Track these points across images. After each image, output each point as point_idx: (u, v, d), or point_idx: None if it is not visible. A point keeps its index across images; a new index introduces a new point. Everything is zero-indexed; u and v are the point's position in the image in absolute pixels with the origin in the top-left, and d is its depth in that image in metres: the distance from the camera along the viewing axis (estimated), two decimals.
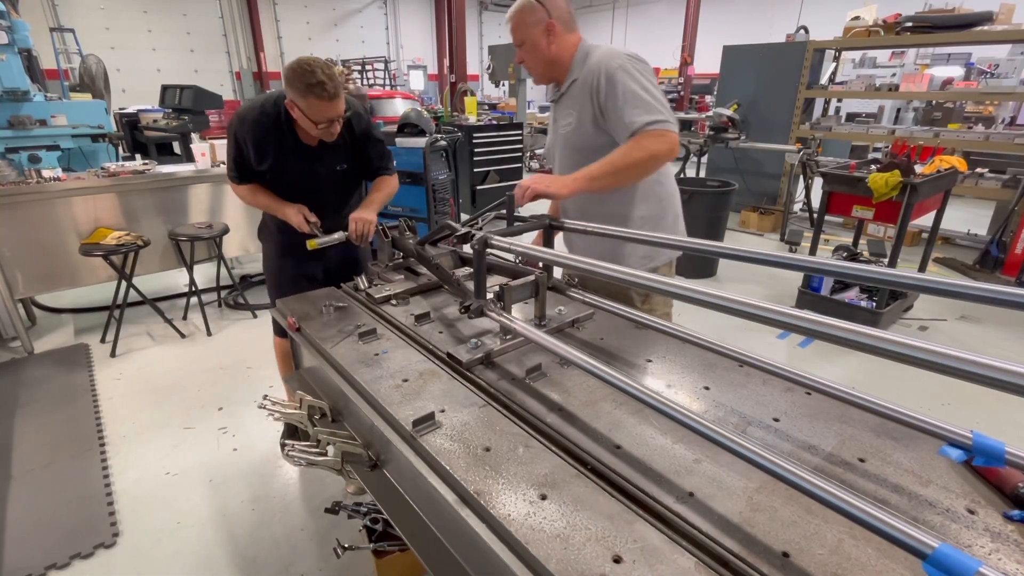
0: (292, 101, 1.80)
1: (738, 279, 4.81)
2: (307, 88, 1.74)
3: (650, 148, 1.56)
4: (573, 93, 1.75)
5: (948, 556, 0.57)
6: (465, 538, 0.89)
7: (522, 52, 1.77)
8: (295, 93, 1.77)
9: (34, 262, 3.45)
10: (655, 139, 1.56)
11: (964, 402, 2.94)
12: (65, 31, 9.57)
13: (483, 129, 6.97)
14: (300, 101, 1.78)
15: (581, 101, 1.72)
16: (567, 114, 1.78)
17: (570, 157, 1.81)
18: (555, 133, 1.89)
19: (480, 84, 16.35)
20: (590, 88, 1.67)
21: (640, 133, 1.57)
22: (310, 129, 1.86)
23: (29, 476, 2.41)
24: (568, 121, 1.78)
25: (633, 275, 1.04)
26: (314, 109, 1.78)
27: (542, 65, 1.77)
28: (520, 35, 1.73)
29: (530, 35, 1.71)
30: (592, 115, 1.70)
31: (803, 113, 6.30)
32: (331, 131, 1.87)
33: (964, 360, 0.62)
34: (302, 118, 1.83)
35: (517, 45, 1.76)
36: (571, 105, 1.76)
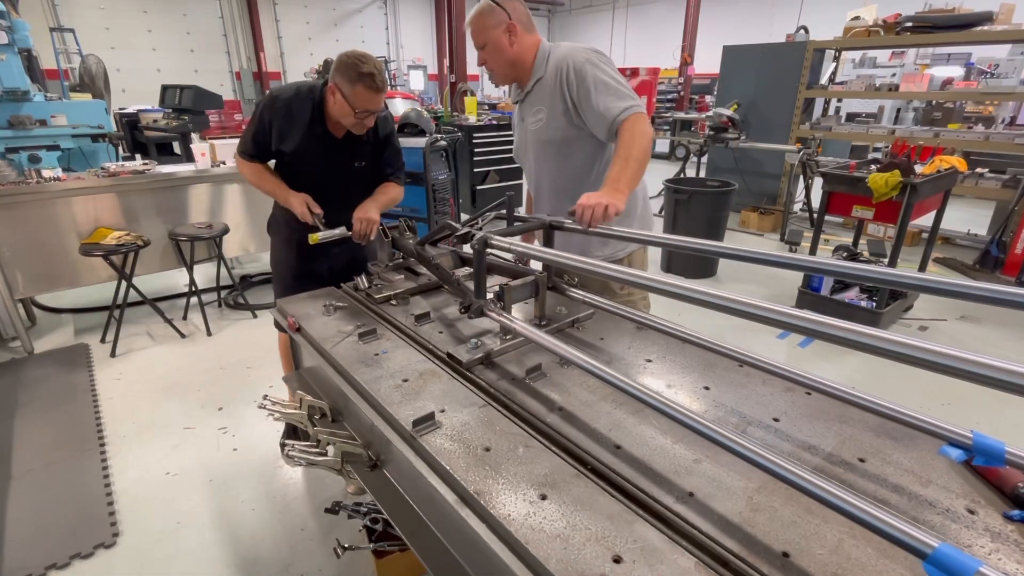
0: (336, 86, 1.84)
1: (738, 279, 4.81)
2: (359, 76, 1.79)
3: (645, 131, 1.61)
4: (540, 91, 1.80)
5: (948, 556, 0.57)
6: (465, 538, 0.89)
7: (484, 54, 1.80)
8: (344, 79, 1.81)
9: (34, 262, 3.45)
10: (642, 122, 1.62)
11: (964, 402, 2.94)
12: (65, 31, 9.57)
13: (483, 129, 6.97)
14: (347, 87, 1.81)
15: (551, 97, 1.77)
16: (535, 111, 1.83)
17: (542, 152, 1.87)
18: (523, 132, 1.94)
19: (480, 84, 16.33)
20: (559, 83, 1.72)
21: (625, 119, 1.62)
22: (345, 118, 1.89)
23: (29, 476, 2.41)
24: (538, 118, 1.82)
25: (633, 275, 1.04)
26: (359, 97, 1.82)
27: (505, 65, 1.81)
28: (482, 37, 1.77)
29: (492, 36, 1.75)
30: (563, 108, 1.74)
31: (803, 113, 6.30)
32: (365, 124, 1.92)
33: (964, 360, 0.62)
34: (342, 105, 1.85)
35: (479, 47, 1.80)
36: (538, 102, 1.82)
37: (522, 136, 1.97)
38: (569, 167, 1.85)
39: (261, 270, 4.99)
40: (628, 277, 1.05)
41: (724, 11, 15.31)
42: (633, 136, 1.59)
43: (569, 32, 20.79)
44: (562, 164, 1.86)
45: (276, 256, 2.28)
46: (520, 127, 1.97)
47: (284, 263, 2.24)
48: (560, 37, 21.23)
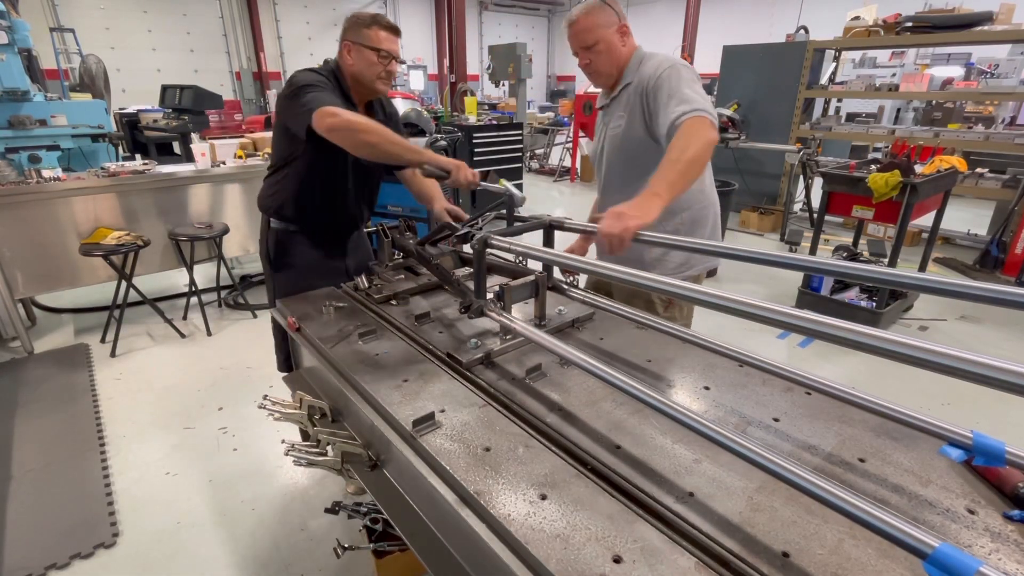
0: (351, 41, 1.81)
1: (738, 279, 4.81)
2: (371, 19, 1.79)
3: (702, 134, 1.47)
4: (625, 97, 1.77)
5: (948, 556, 0.57)
6: (465, 538, 0.89)
7: (590, 54, 1.73)
8: (359, 27, 1.79)
9: (34, 262, 3.45)
10: (702, 124, 1.49)
11: (964, 402, 2.94)
12: (65, 31, 9.57)
13: (483, 129, 6.97)
14: (366, 32, 1.79)
15: (633, 103, 1.74)
16: (618, 116, 1.80)
17: (616, 157, 1.85)
18: (603, 136, 1.90)
19: (480, 84, 16.35)
20: (642, 90, 1.69)
21: (684, 121, 1.51)
22: (370, 69, 1.82)
23: (29, 476, 2.41)
24: (618, 123, 1.79)
25: (633, 275, 1.04)
26: (377, 36, 1.79)
27: (613, 67, 1.76)
28: (593, 36, 1.70)
29: (604, 36, 1.70)
30: (642, 115, 1.72)
31: (803, 113, 6.29)
32: (390, 72, 1.86)
33: (964, 360, 0.62)
34: (365, 56, 1.81)
35: (585, 47, 1.73)
36: (622, 108, 1.78)
37: (600, 140, 1.94)
38: (637, 176, 1.75)
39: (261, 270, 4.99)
40: (628, 277, 1.04)
41: (724, 11, 15.32)
42: (687, 137, 1.46)
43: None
44: (632, 173, 1.81)
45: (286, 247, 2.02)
46: (601, 131, 1.93)
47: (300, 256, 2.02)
48: (560, 37, 21.20)
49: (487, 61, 9.44)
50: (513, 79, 8.75)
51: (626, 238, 1.25)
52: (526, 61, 8.67)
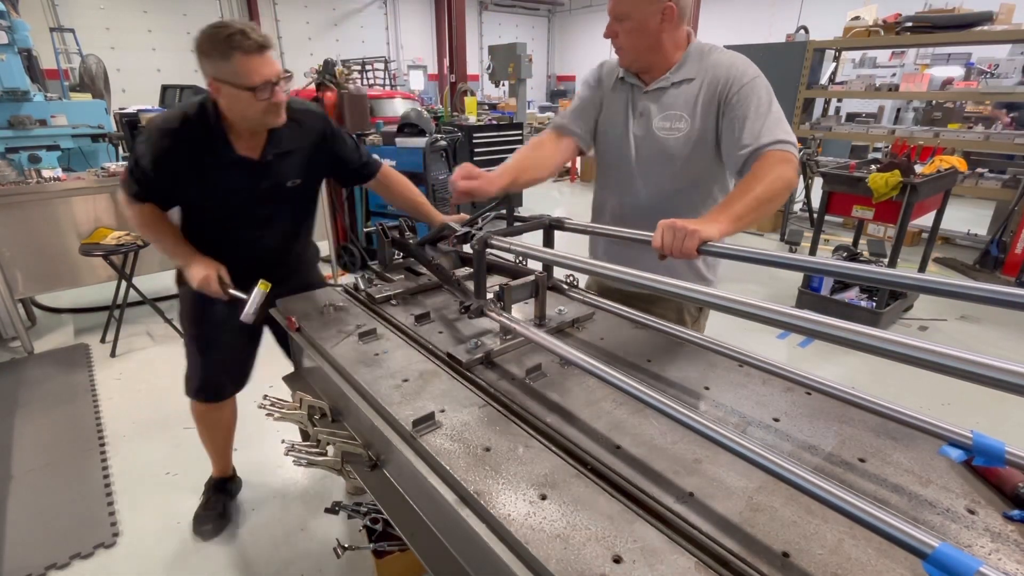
0: (216, 79, 1.45)
1: (738, 279, 4.81)
2: (227, 43, 1.39)
3: (786, 176, 1.31)
4: (684, 95, 1.50)
5: (948, 556, 0.57)
6: (465, 538, 0.89)
7: (618, 26, 1.46)
8: (216, 59, 1.42)
9: (34, 262, 3.45)
10: (786, 159, 1.34)
11: (964, 402, 2.94)
12: (65, 31, 9.57)
13: (483, 129, 6.98)
14: (225, 66, 1.42)
15: (704, 108, 1.47)
16: (672, 116, 1.51)
17: (660, 159, 1.55)
18: (642, 128, 1.56)
19: (480, 84, 16.35)
20: (718, 94, 1.45)
21: (768, 151, 1.34)
22: (249, 108, 1.48)
23: (29, 476, 2.41)
24: (676, 126, 1.51)
25: (633, 275, 1.04)
26: (244, 68, 1.42)
27: (642, 50, 1.49)
28: (625, 6, 1.43)
29: (641, 12, 1.42)
30: (716, 124, 1.47)
31: (803, 113, 6.29)
32: (277, 101, 1.49)
33: (964, 360, 0.62)
34: (235, 94, 1.46)
35: (616, 16, 1.45)
36: (680, 107, 1.50)
37: (628, 128, 1.59)
38: (682, 188, 1.56)
39: None
40: (628, 277, 1.04)
41: (724, 11, 15.32)
42: (772, 171, 1.30)
43: (569, 32, 20.79)
44: (675, 183, 1.56)
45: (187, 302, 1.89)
46: (630, 118, 1.59)
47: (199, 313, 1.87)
48: (560, 37, 21.24)
49: (487, 61, 9.45)
50: (513, 79, 8.76)
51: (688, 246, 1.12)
52: (526, 61, 8.68)
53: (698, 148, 1.51)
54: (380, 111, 7.22)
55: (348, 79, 4.94)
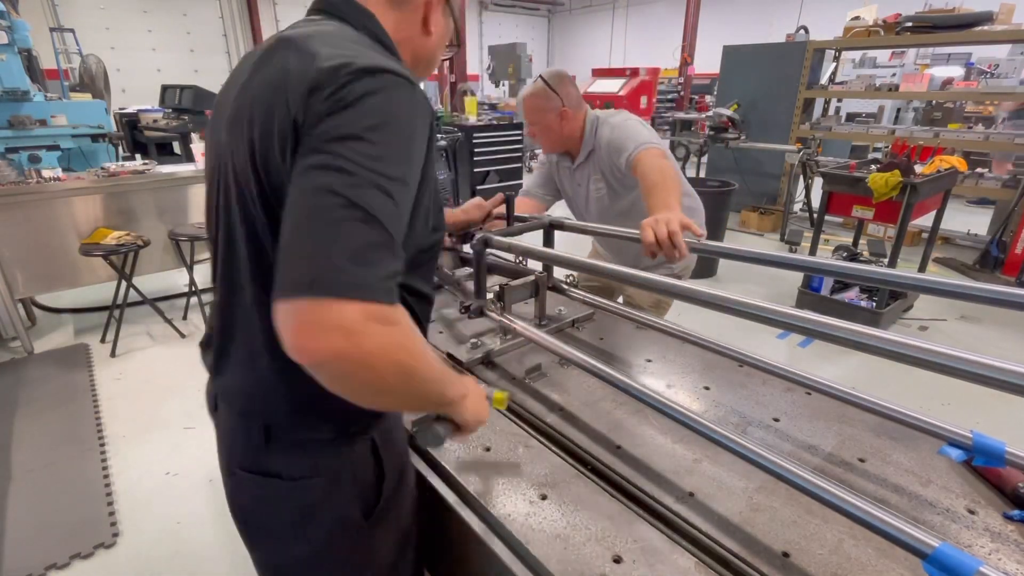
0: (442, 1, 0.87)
1: (738, 279, 4.81)
2: None
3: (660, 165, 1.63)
4: (594, 161, 1.90)
5: (948, 556, 0.57)
6: (465, 538, 0.89)
7: (534, 129, 1.90)
8: None
9: (34, 262, 3.45)
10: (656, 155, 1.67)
11: (964, 402, 2.94)
12: (65, 31, 9.56)
13: (483, 129, 6.97)
14: None
15: (607, 167, 1.86)
16: (595, 180, 1.93)
17: (607, 214, 1.96)
18: (583, 196, 2.01)
19: (480, 84, 16.33)
20: (609, 154, 1.82)
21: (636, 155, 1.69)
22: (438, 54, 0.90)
23: (29, 476, 2.41)
24: (599, 187, 1.93)
25: (633, 275, 1.04)
26: None
27: (554, 144, 1.94)
28: (533, 117, 1.87)
29: (543, 119, 1.85)
30: (613, 174, 1.86)
31: (803, 113, 6.29)
32: None
33: (964, 360, 0.62)
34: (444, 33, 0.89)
35: (530, 123, 1.90)
36: (594, 171, 1.92)
37: (577, 196, 2.06)
38: (627, 209, 1.94)
39: None
40: (628, 277, 1.05)
41: (724, 11, 15.31)
42: (655, 167, 1.61)
43: (569, 32, 20.78)
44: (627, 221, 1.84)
45: None
46: (576, 191, 2.04)
47: None
48: (560, 37, 21.24)
49: (487, 61, 9.45)
50: (513, 79, 8.76)
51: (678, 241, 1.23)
52: (526, 61, 8.68)
53: (616, 193, 1.92)
54: None
55: None
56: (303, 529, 0.83)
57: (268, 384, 0.77)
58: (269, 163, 0.66)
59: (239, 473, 0.82)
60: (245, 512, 0.87)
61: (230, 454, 0.84)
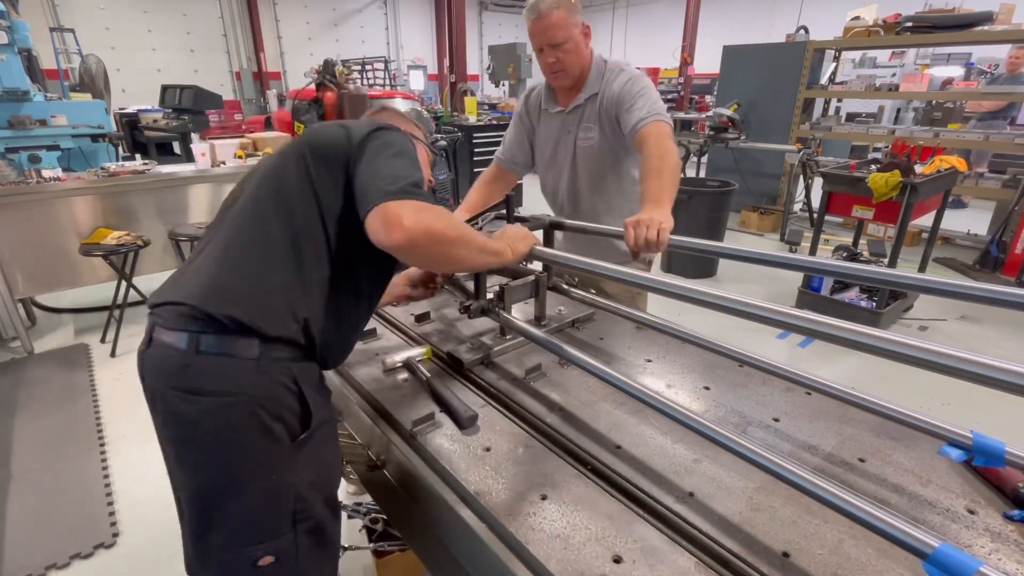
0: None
1: (738, 279, 4.81)
2: None
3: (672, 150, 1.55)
4: (593, 107, 1.76)
5: (948, 556, 0.57)
6: (465, 538, 0.89)
7: (560, 52, 1.66)
8: None
9: (34, 262, 3.45)
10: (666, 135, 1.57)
11: (964, 402, 2.94)
12: (65, 31, 9.56)
13: (483, 129, 6.98)
14: None
15: (605, 116, 1.74)
16: (587, 127, 1.78)
17: (589, 165, 1.83)
18: (568, 144, 1.84)
19: (480, 84, 16.34)
20: (617, 104, 1.69)
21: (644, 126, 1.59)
22: None
23: (29, 476, 2.41)
24: (589, 136, 1.78)
25: (633, 275, 1.04)
26: None
27: (577, 66, 1.72)
28: (564, 33, 1.64)
29: (573, 35, 1.65)
30: (612, 127, 1.74)
31: (803, 113, 6.29)
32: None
33: (964, 360, 0.62)
34: None
35: (555, 43, 1.65)
36: (589, 118, 1.77)
37: (559, 145, 1.87)
38: (611, 182, 1.85)
39: None
40: (628, 277, 1.05)
41: (724, 11, 15.31)
42: (660, 151, 1.53)
43: None
44: (605, 180, 1.84)
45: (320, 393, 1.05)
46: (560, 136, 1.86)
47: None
48: None
49: (487, 61, 9.44)
50: (513, 79, 8.74)
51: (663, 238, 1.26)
52: (526, 61, 8.66)
53: (606, 146, 1.79)
54: None
55: (348, 79, 4.94)
56: (225, 445, 0.94)
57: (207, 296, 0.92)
58: None
59: (169, 394, 0.94)
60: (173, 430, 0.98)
61: (162, 377, 0.95)
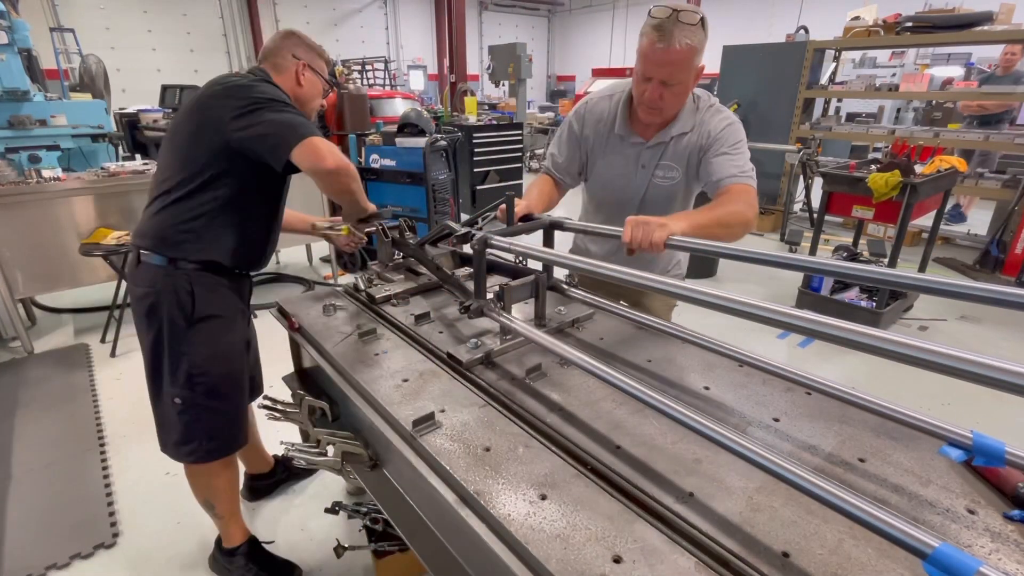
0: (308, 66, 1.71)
1: (738, 279, 4.81)
2: (320, 50, 1.76)
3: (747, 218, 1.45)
4: (682, 145, 1.62)
5: (948, 556, 0.57)
6: (465, 538, 0.89)
7: (666, 90, 1.48)
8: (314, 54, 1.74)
9: (34, 262, 3.45)
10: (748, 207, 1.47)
11: (964, 402, 2.94)
12: (65, 31, 9.56)
13: (483, 129, 6.98)
14: (320, 63, 1.76)
15: (695, 158, 1.62)
16: (668, 167, 1.66)
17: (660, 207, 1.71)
18: (644, 180, 1.70)
19: (480, 84, 16.34)
20: (709, 147, 1.58)
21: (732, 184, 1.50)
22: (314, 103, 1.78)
23: (29, 476, 2.41)
24: (671, 175, 1.66)
25: (634, 275, 1.04)
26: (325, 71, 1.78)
27: (676, 109, 1.58)
28: (682, 75, 1.45)
29: (688, 79, 1.48)
30: (696, 169, 1.64)
31: (803, 113, 6.29)
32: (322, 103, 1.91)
33: (964, 360, 0.62)
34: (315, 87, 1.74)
35: (668, 83, 1.46)
36: (674, 157, 1.64)
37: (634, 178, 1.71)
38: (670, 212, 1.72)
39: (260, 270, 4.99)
40: (629, 277, 1.05)
41: (724, 11, 15.31)
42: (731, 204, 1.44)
43: (569, 32, 20.78)
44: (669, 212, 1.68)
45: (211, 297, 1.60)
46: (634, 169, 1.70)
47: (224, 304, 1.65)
48: (560, 37, 21.24)
49: (487, 61, 9.45)
50: (513, 79, 8.75)
51: (656, 239, 1.25)
52: (526, 61, 8.68)
53: (686, 189, 1.71)
54: (380, 111, 7.24)
55: (348, 79, 4.94)
56: (147, 321, 1.54)
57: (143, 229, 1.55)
58: None
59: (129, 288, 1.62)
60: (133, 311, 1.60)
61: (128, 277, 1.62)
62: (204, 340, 1.57)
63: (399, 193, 4.67)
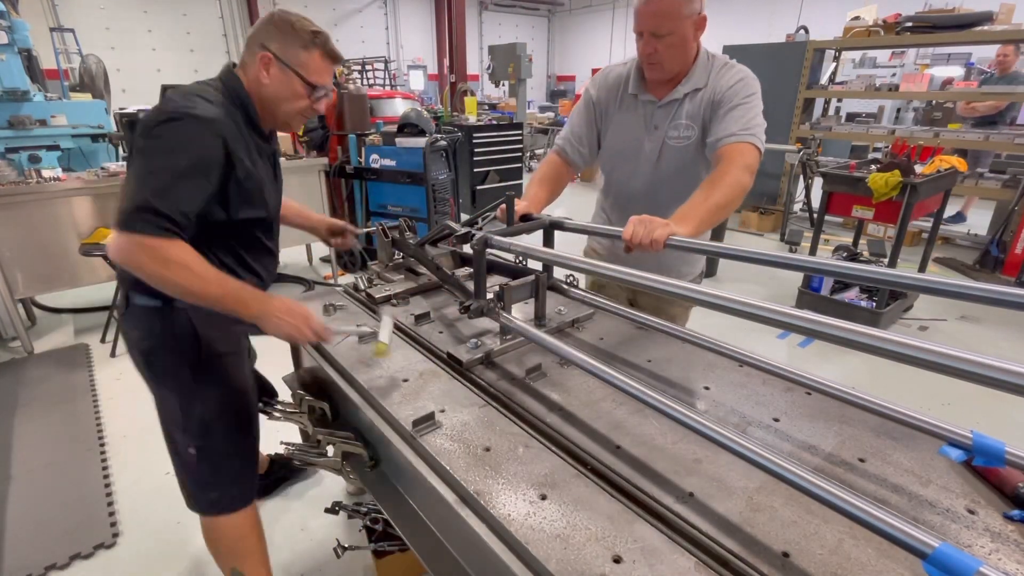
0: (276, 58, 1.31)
1: (738, 279, 4.81)
2: (312, 37, 1.33)
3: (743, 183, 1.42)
4: (695, 102, 1.58)
5: (948, 556, 0.57)
6: (465, 538, 0.89)
7: (659, 43, 1.47)
8: (293, 42, 1.31)
9: (34, 262, 3.45)
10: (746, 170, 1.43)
11: (964, 402, 2.94)
12: (65, 31, 9.55)
13: (483, 129, 6.98)
14: (301, 55, 1.32)
15: (708, 114, 1.57)
16: (683, 125, 1.60)
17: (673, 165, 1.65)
18: (656, 139, 1.65)
19: (480, 84, 16.34)
20: (722, 102, 1.54)
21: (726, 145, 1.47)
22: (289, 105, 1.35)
23: (29, 476, 2.41)
24: (687, 134, 1.60)
25: (634, 275, 1.04)
26: (320, 68, 1.35)
27: (677, 61, 1.54)
28: (671, 24, 1.45)
29: (682, 27, 1.46)
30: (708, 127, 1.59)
31: (803, 113, 6.29)
32: (317, 110, 1.40)
33: (964, 360, 0.62)
34: (288, 85, 1.33)
35: (657, 34, 1.46)
36: (688, 114, 1.59)
37: (644, 139, 1.67)
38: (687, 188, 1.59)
39: None
40: (629, 277, 1.04)
41: (724, 11, 15.30)
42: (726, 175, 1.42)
43: (569, 32, 20.77)
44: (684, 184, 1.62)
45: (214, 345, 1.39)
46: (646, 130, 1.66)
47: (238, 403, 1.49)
48: (560, 37, 21.23)
49: (487, 61, 9.44)
50: (513, 79, 8.75)
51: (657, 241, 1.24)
52: (526, 61, 8.67)
53: (700, 149, 1.63)
54: (380, 111, 7.23)
55: (348, 79, 4.94)
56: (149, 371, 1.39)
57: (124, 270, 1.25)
58: None
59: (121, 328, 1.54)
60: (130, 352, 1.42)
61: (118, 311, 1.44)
62: (216, 382, 1.41)
63: (399, 193, 4.67)
